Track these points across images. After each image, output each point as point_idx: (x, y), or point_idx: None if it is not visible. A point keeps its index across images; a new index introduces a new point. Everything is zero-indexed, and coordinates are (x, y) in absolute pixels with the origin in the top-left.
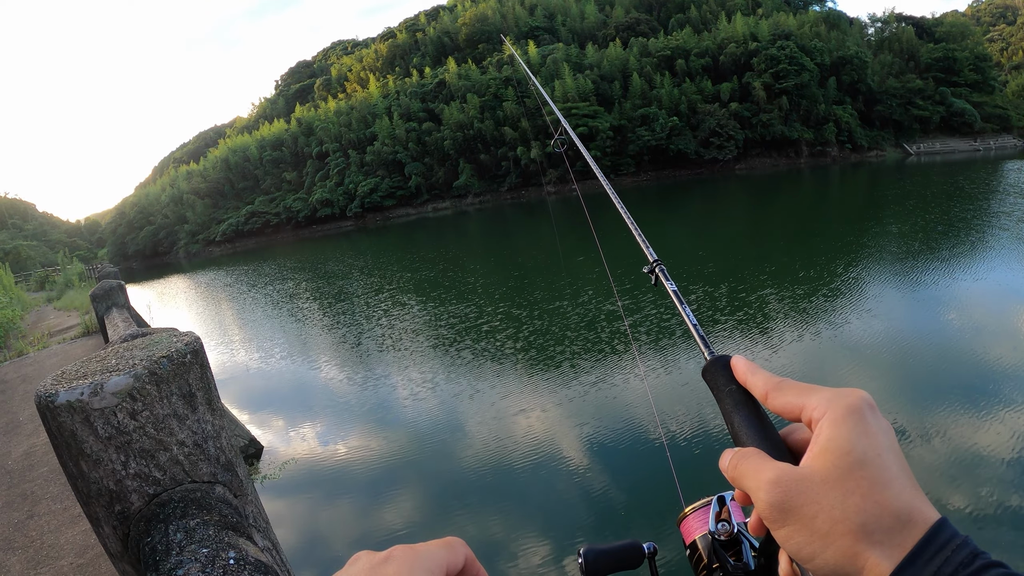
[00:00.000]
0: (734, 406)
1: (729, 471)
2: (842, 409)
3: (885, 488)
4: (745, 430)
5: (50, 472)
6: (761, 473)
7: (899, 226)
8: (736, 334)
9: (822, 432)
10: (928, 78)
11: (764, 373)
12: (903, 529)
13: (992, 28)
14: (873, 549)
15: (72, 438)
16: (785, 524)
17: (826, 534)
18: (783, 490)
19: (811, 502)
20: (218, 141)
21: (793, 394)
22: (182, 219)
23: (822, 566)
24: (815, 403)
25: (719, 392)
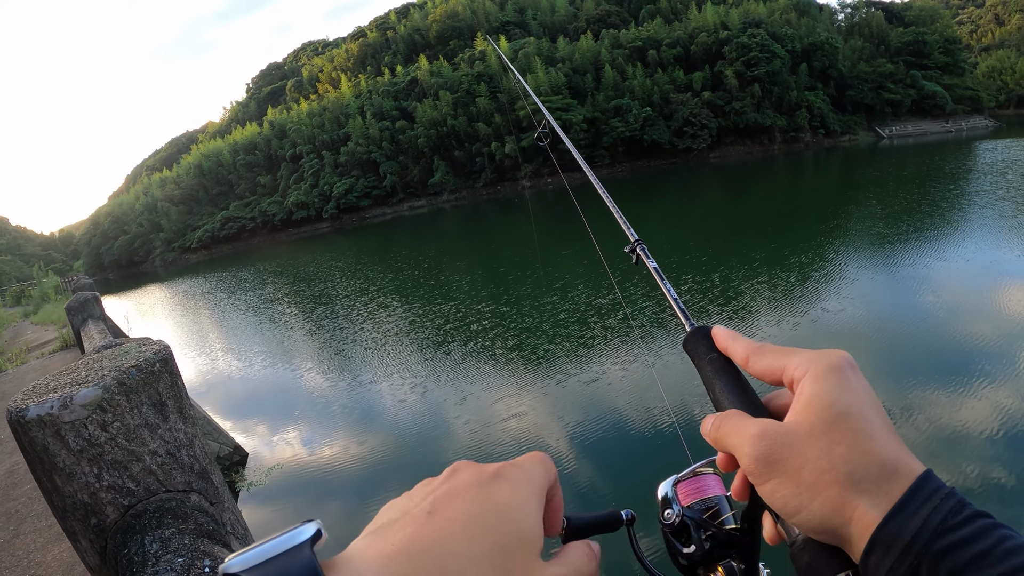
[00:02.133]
0: (715, 373)
1: (711, 433)
2: (823, 367)
3: (870, 439)
4: (726, 395)
5: (34, 490)
6: (744, 429)
7: (882, 207)
8: (717, 318)
9: (804, 389)
10: (899, 62)
11: (745, 339)
12: (890, 478)
13: (961, 11)
14: (860, 498)
15: (44, 452)
16: (770, 477)
17: (812, 485)
18: (768, 443)
19: (796, 454)
20: (191, 147)
21: (774, 356)
22: (157, 227)
23: (809, 518)
24: (796, 363)
25: (700, 360)
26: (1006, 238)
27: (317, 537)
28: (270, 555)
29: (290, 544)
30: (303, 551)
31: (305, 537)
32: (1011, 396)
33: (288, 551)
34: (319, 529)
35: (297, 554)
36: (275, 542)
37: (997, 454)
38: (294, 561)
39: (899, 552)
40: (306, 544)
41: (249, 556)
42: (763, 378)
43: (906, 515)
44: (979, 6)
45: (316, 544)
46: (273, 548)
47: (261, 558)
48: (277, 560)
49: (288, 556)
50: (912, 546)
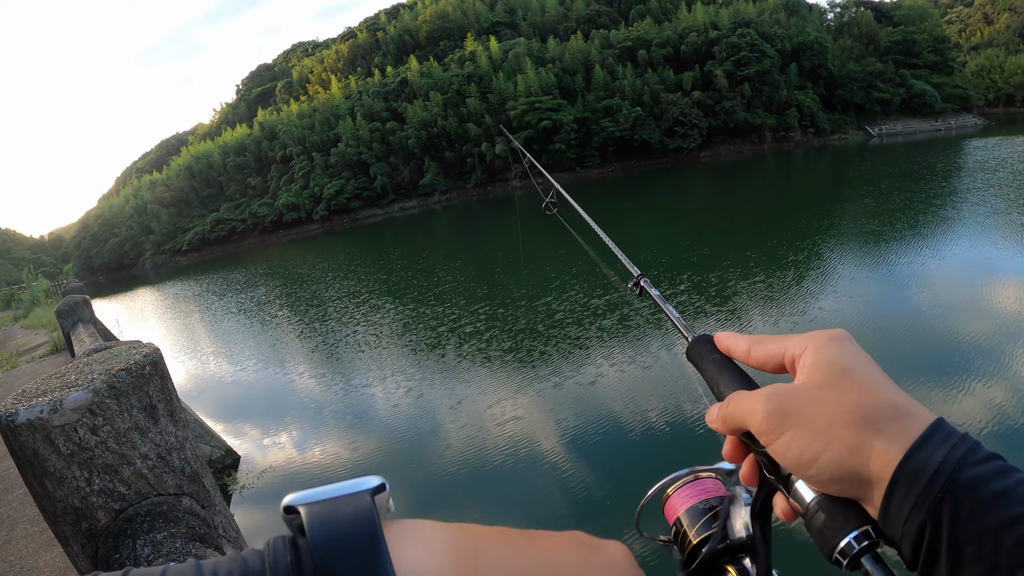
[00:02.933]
0: (718, 370)
1: (720, 411)
2: (823, 338)
3: (880, 387)
4: (731, 384)
5: (25, 495)
6: (754, 395)
7: (876, 205)
8: (715, 317)
9: (806, 359)
10: (888, 61)
11: (745, 335)
12: (904, 419)
13: (950, 10)
14: (877, 438)
15: (35, 457)
16: (784, 430)
17: (827, 430)
18: (779, 397)
19: (809, 404)
20: (181, 149)
21: (773, 342)
22: (147, 230)
23: (827, 465)
24: (795, 342)
25: (703, 363)
26: (1001, 235)
27: (380, 489)
28: (331, 495)
29: (352, 489)
30: (363, 498)
31: (368, 486)
32: (1006, 393)
33: (349, 495)
34: (383, 483)
35: (356, 499)
36: (338, 485)
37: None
38: (351, 503)
39: (923, 486)
40: (366, 492)
41: (310, 493)
42: (765, 365)
43: (927, 451)
44: (968, 5)
45: (378, 496)
46: (335, 490)
47: (321, 496)
48: (336, 500)
49: (347, 499)
50: (935, 480)
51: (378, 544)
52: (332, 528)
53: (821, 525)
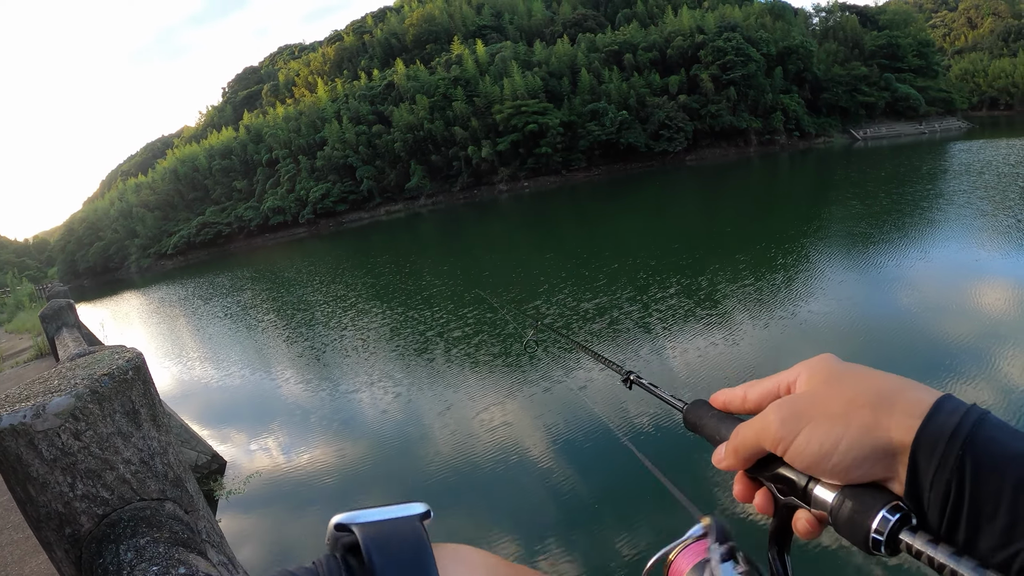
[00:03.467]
0: (719, 421)
1: (730, 444)
2: (813, 360)
3: (882, 374)
4: (735, 424)
5: (10, 501)
6: (763, 413)
7: (863, 208)
8: (705, 322)
9: (802, 377)
10: (873, 65)
11: (737, 387)
12: (914, 392)
13: (934, 14)
14: (893, 410)
15: (18, 462)
16: (801, 427)
17: (844, 414)
18: (790, 403)
19: (819, 398)
20: (166, 152)
21: (766, 380)
22: (132, 233)
23: (848, 447)
24: (787, 373)
25: (702, 421)
26: (988, 236)
27: (427, 515)
28: (384, 517)
29: (403, 513)
30: (413, 523)
31: (417, 512)
32: (994, 394)
33: (401, 518)
34: (429, 509)
35: (409, 523)
36: (388, 508)
37: None
38: (405, 527)
39: (944, 446)
40: (416, 517)
41: (362, 513)
42: (762, 404)
43: (943, 415)
44: (952, 10)
45: (425, 521)
46: (387, 512)
47: (375, 518)
48: (390, 523)
49: (400, 522)
50: (955, 439)
51: (430, 569)
52: (389, 549)
53: (850, 513)
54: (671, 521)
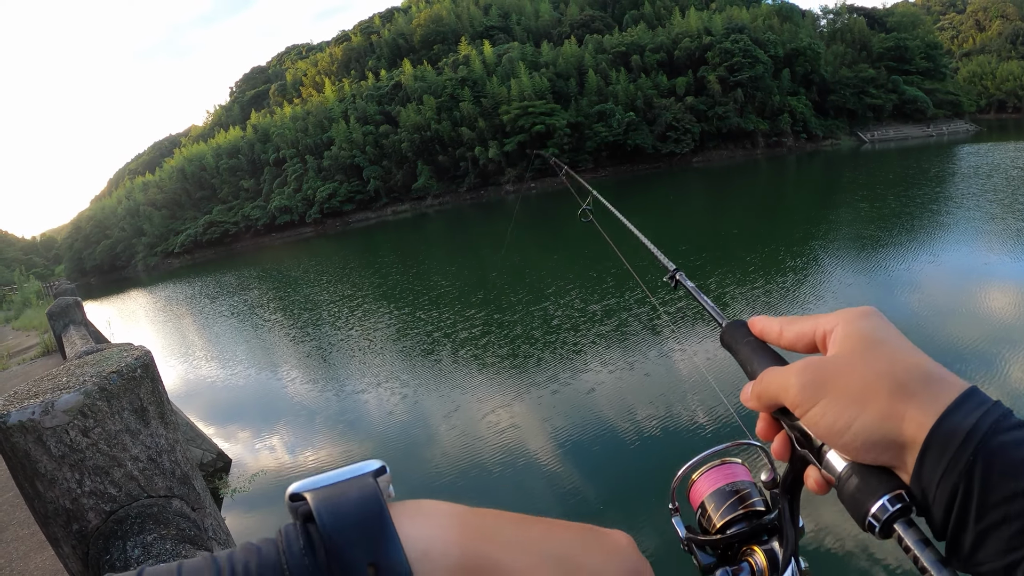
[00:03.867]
0: (752, 351)
1: (755, 388)
2: (854, 313)
3: (912, 355)
4: (764, 362)
5: (15, 497)
6: (788, 369)
7: (872, 210)
8: (708, 325)
9: (838, 332)
10: (880, 67)
11: (777, 318)
12: (937, 385)
13: (942, 17)
14: (910, 402)
15: (26, 458)
16: (819, 398)
17: (861, 396)
18: (813, 368)
19: (842, 373)
20: (173, 151)
21: (804, 321)
22: (139, 232)
23: (861, 430)
24: (826, 319)
25: (737, 345)
26: (998, 240)
27: (381, 472)
28: (335, 480)
29: (355, 473)
30: (366, 480)
31: (370, 469)
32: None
33: (353, 478)
34: (384, 465)
35: (360, 481)
36: (341, 470)
37: None
38: (356, 486)
39: (955, 449)
40: (369, 475)
41: (315, 480)
42: (796, 345)
43: (960, 415)
44: (960, 12)
45: (380, 478)
46: (339, 475)
47: (326, 482)
48: (341, 484)
49: (352, 483)
50: (967, 443)
51: (386, 523)
52: (340, 511)
53: (854, 490)
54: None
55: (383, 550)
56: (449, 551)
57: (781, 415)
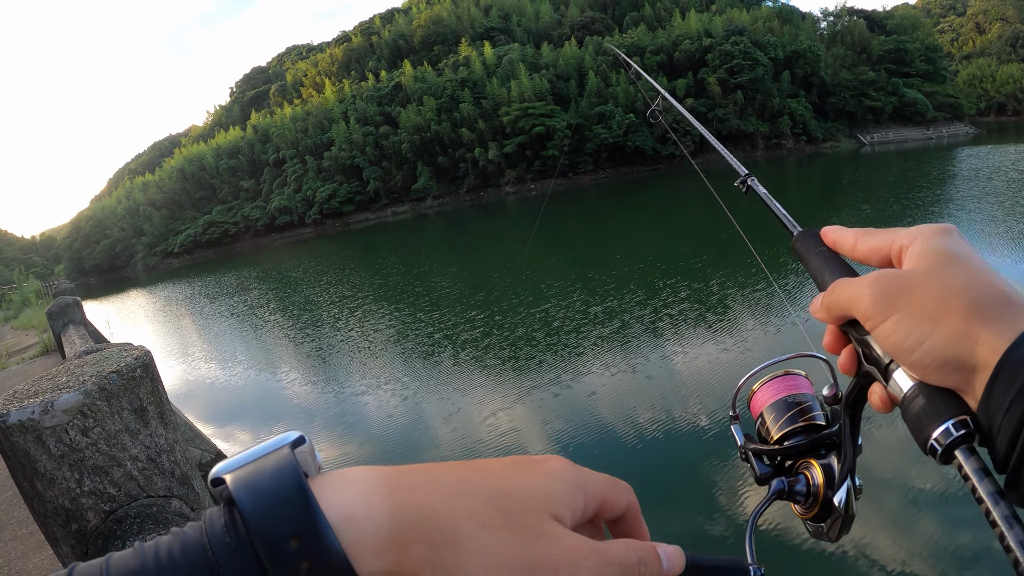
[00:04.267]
0: (824, 262)
1: (825, 299)
2: (933, 229)
3: (991, 276)
4: (837, 275)
5: (14, 496)
6: (860, 280)
7: (874, 212)
8: (718, 326)
9: (915, 248)
10: (880, 69)
11: (852, 229)
12: (1015, 309)
13: (942, 19)
14: (985, 325)
15: (25, 457)
16: (891, 312)
17: (935, 313)
18: (887, 280)
19: (917, 287)
20: (173, 151)
21: (881, 234)
22: (139, 231)
23: (932, 349)
24: (904, 234)
25: (808, 255)
26: (1000, 242)
27: (300, 443)
28: (251, 457)
29: (270, 448)
30: (282, 452)
31: (286, 441)
32: None
33: (268, 453)
34: (302, 436)
35: (276, 455)
36: (258, 447)
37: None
38: (271, 460)
39: None
40: (286, 446)
41: (233, 460)
42: (870, 258)
43: None
44: (960, 15)
45: (298, 449)
46: (255, 452)
47: (243, 460)
48: (257, 461)
49: (267, 457)
50: None
51: (305, 493)
52: (255, 486)
53: (919, 411)
54: (682, 526)
55: (303, 520)
56: (375, 512)
57: (850, 328)
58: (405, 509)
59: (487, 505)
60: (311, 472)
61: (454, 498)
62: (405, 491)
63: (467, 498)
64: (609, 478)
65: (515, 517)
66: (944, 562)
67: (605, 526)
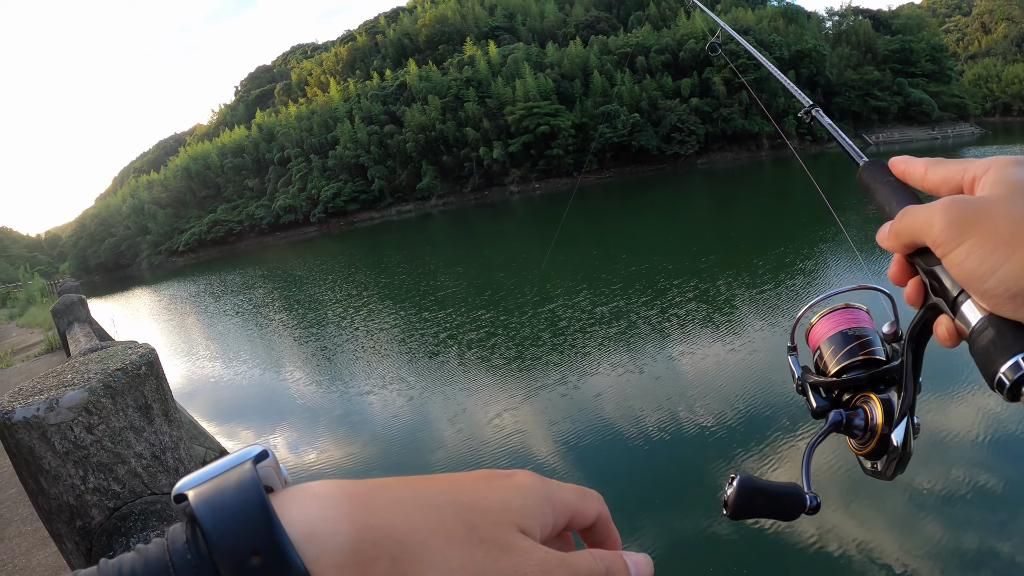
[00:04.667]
0: (892, 191)
1: (893, 226)
2: (1008, 160)
3: None
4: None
5: (19, 493)
6: (932, 206)
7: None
8: (725, 327)
9: (989, 177)
10: (886, 69)
11: (922, 159)
12: None
13: (948, 19)
14: None
15: (30, 454)
16: (964, 239)
17: (1010, 241)
18: (961, 205)
19: (992, 214)
20: (178, 149)
21: (952, 164)
22: (144, 230)
23: (1005, 277)
24: (977, 164)
25: (875, 185)
26: None
27: (262, 457)
28: (213, 473)
29: (232, 463)
30: (244, 467)
31: (248, 456)
32: (1000, 404)
33: (230, 468)
34: (265, 450)
35: (238, 471)
36: (220, 462)
37: (987, 460)
38: (233, 476)
39: None
40: (248, 461)
41: (196, 476)
42: (940, 188)
43: None
44: (966, 14)
45: (261, 463)
46: (217, 468)
47: (205, 477)
48: (219, 477)
49: (229, 473)
50: None
51: (266, 509)
52: (216, 503)
53: (988, 344)
54: (681, 525)
55: (264, 537)
56: (338, 528)
57: (918, 257)
58: (368, 524)
59: (453, 519)
60: (276, 486)
61: (419, 512)
62: (369, 506)
63: (432, 512)
64: (579, 489)
65: (481, 531)
66: None
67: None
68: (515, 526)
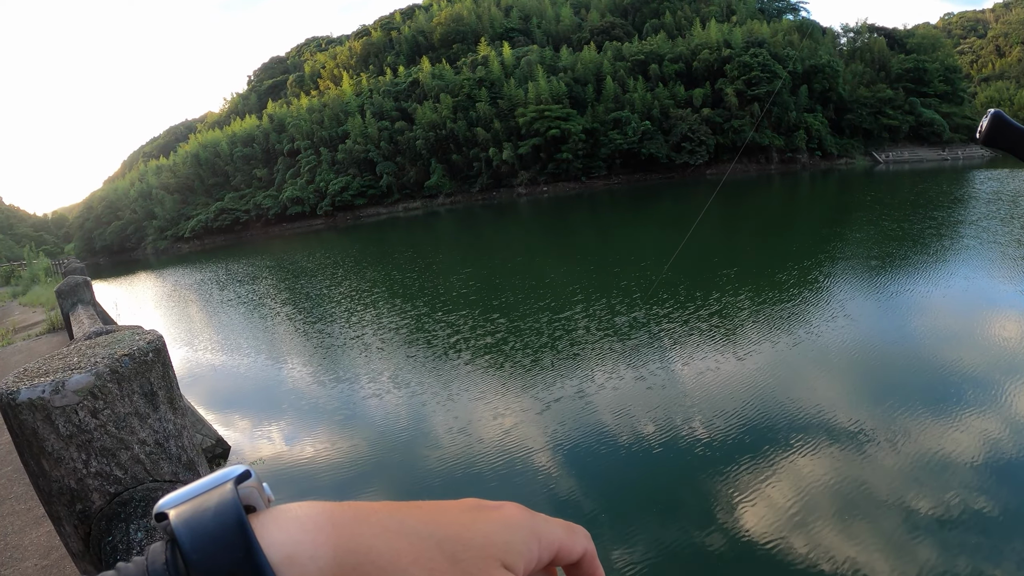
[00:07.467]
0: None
1: None
2: None
3: None
4: None
5: (14, 472)
6: None
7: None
8: (724, 342)
9: None
10: (898, 88)
11: None
12: None
13: (963, 41)
14: None
15: (33, 436)
16: None
17: None
18: None
19: None
20: (188, 136)
21: None
22: (150, 215)
23: None
24: None
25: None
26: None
27: (244, 477)
28: (194, 493)
29: (214, 483)
30: (225, 488)
31: (230, 476)
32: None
33: (211, 489)
34: (248, 470)
35: (219, 492)
36: (202, 481)
37: (982, 483)
38: (214, 497)
39: None
40: (229, 482)
41: (177, 494)
42: None
43: None
44: (981, 36)
45: (242, 484)
46: (198, 487)
47: (187, 496)
48: (200, 497)
49: (210, 494)
50: None
51: (245, 532)
52: (196, 524)
53: None
54: (674, 535)
55: (243, 560)
56: (318, 552)
57: None
58: (349, 550)
59: (435, 550)
60: (259, 506)
61: (402, 541)
62: (350, 531)
63: (416, 541)
64: (566, 524)
65: (464, 564)
66: None
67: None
68: (498, 561)
